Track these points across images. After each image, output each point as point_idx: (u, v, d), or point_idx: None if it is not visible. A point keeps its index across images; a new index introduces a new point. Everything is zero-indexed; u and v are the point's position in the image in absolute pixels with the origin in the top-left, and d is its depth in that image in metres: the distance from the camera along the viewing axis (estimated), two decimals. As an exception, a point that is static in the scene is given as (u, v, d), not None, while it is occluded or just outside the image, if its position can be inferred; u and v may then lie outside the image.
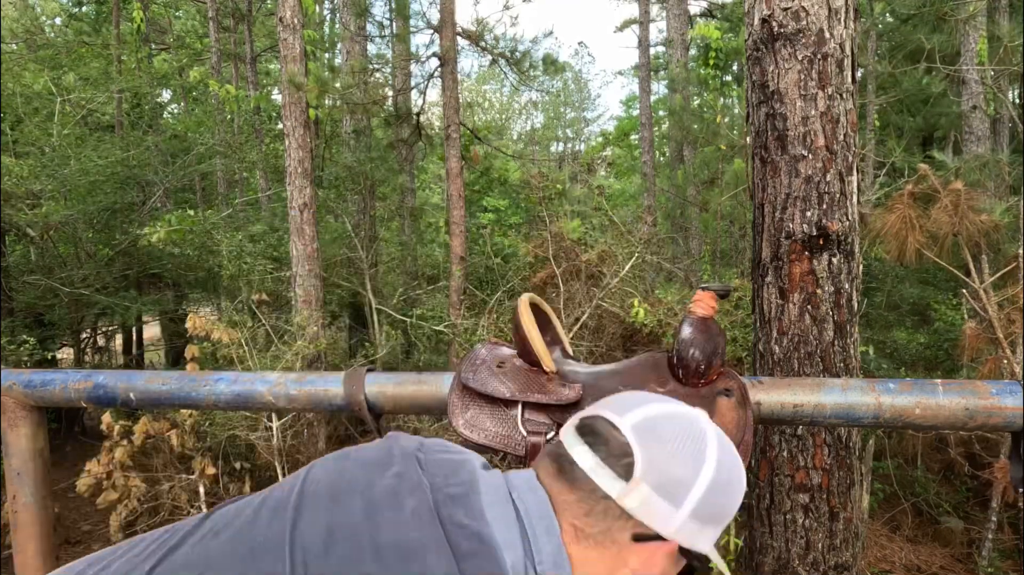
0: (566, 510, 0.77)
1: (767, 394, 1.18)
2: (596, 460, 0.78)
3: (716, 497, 0.77)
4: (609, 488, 0.76)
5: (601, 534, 0.75)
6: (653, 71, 14.24)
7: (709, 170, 7.86)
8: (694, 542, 0.77)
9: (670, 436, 0.78)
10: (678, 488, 0.75)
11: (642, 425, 0.79)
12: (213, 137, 8.14)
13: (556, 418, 1.06)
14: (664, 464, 0.76)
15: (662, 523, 0.75)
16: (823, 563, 2.19)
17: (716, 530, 0.80)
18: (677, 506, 0.75)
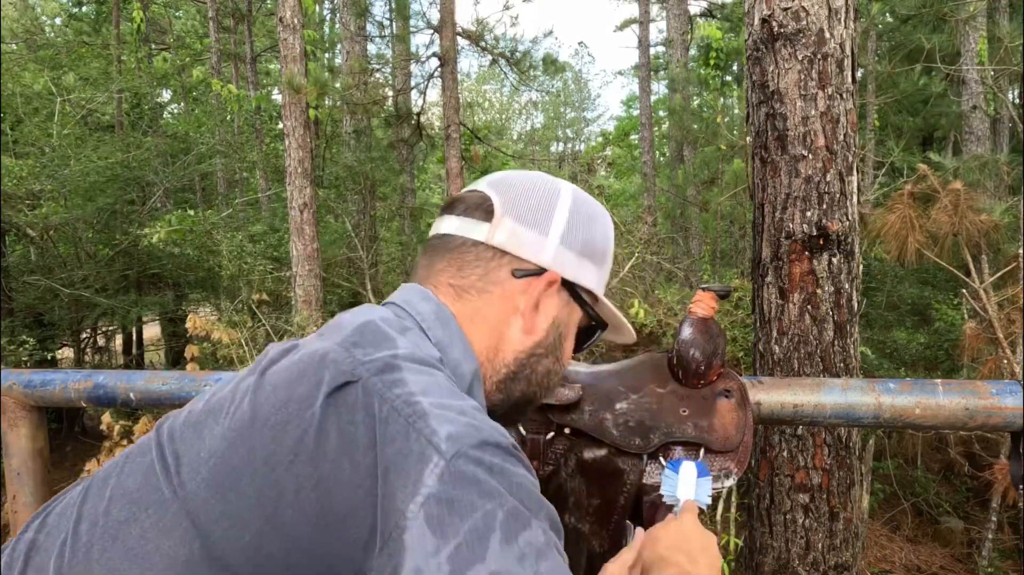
0: (440, 277, 0.78)
1: (767, 394, 1.18)
2: (458, 218, 0.79)
3: (581, 224, 0.79)
4: (475, 234, 0.77)
5: (480, 280, 0.76)
6: (653, 71, 14.23)
7: (709, 170, 7.86)
8: (577, 274, 0.79)
9: (522, 180, 0.80)
10: (540, 216, 0.77)
11: (495, 179, 0.81)
12: (213, 137, 8.14)
13: (556, 418, 1.06)
14: (521, 198, 0.78)
15: (534, 252, 0.76)
16: (823, 563, 2.19)
17: (597, 267, 0.82)
18: (544, 233, 0.77)
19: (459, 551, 0.53)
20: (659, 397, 1.07)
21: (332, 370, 0.63)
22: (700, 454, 1.03)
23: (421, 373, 0.65)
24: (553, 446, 1.07)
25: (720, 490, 1.03)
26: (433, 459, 0.56)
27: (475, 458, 0.57)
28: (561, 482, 1.06)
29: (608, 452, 1.04)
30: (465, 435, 0.59)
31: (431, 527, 0.54)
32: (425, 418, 0.59)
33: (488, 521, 0.55)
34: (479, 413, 0.64)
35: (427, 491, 0.55)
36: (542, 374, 0.81)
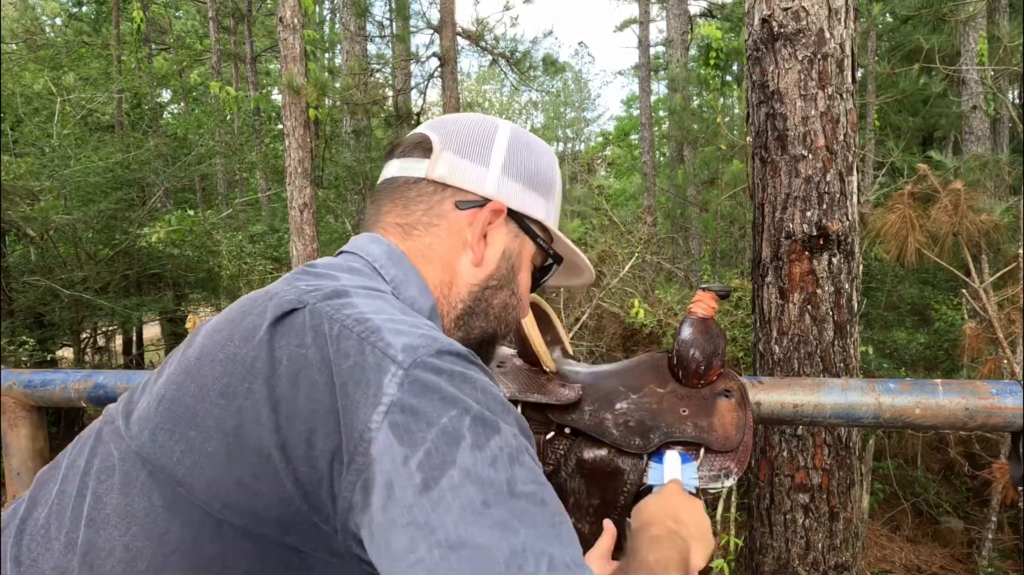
0: (387, 219, 0.78)
1: (767, 394, 1.18)
2: (398, 160, 0.80)
3: (521, 155, 0.80)
4: (416, 171, 0.77)
5: (425, 215, 0.76)
6: (653, 71, 14.23)
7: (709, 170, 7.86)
8: (523, 205, 0.79)
9: (459, 118, 0.81)
10: (478, 147, 0.78)
11: (433, 121, 0.82)
12: (213, 138, 8.14)
13: (556, 418, 1.06)
14: (459, 133, 0.78)
15: (476, 183, 0.76)
16: (823, 563, 2.19)
17: (545, 199, 0.82)
18: (484, 163, 0.77)
19: (429, 457, 0.52)
20: (659, 397, 1.07)
21: (275, 301, 0.62)
22: (700, 454, 1.03)
23: (370, 297, 0.64)
24: (553, 446, 1.07)
25: (720, 490, 1.03)
26: (391, 369, 0.55)
27: (434, 366, 0.56)
28: (561, 482, 1.06)
29: (608, 452, 1.04)
30: (421, 345, 0.57)
31: (397, 436, 0.52)
32: (378, 332, 0.58)
33: (456, 426, 0.54)
34: (434, 330, 0.62)
35: (389, 399, 0.54)
36: (499, 307, 0.80)
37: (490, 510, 0.51)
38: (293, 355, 0.57)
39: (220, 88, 7.17)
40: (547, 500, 0.55)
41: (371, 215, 0.81)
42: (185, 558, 0.57)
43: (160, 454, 0.58)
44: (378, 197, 0.81)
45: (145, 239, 5.94)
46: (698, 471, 1.02)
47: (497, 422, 0.56)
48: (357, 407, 0.54)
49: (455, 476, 0.52)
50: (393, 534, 0.51)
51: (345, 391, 0.55)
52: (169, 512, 0.57)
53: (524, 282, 0.83)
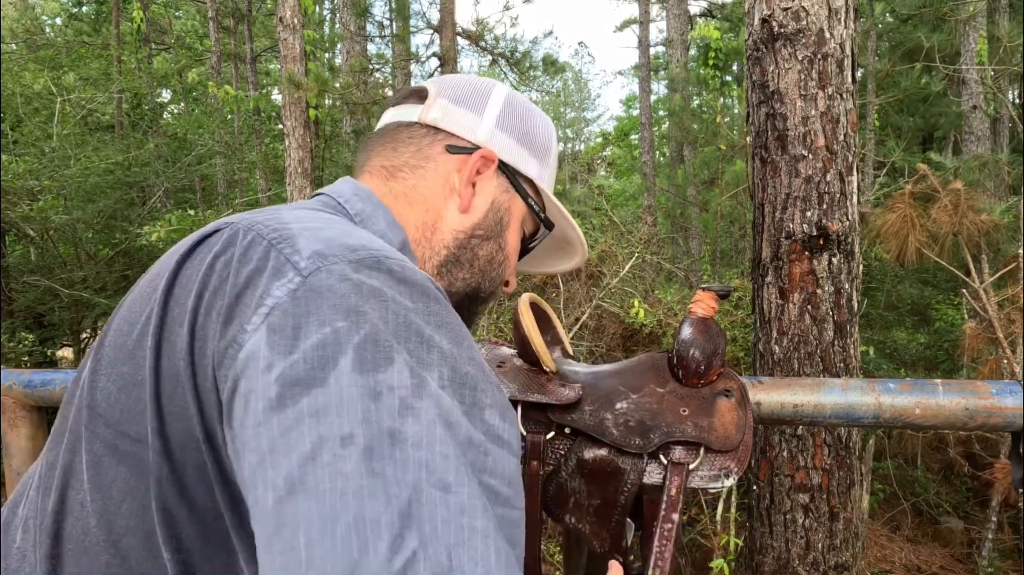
0: (373, 161, 0.76)
1: (767, 394, 1.18)
2: (392, 108, 0.79)
3: (518, 113, 0.78)
4: (410, 115, 0.76)
5: (413, 157, 0.74)
6: (653, 71, 14.24)
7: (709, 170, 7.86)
8: (513, 157, 0.77)
9: (458, 76, 0.80)
10: (474, 97, 0.77)
11: (434, 78, 0.81)
12: (213, 137, 8.14)
13: (556, 418, 1.06)
14: (456, 84, 0.78)
15: (469, 129, 0.75)
16: (823, 563, 2.19)
17: (539, 161, 0.80)
18: (479, 113, 0.76)
19: (293, 368, 0.44)
20: (659, 397, 1.07)
21: (202, 230, 0.58)
22: (700, 452, 1.03)
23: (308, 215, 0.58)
24: (553, 446, 1.07)
25: (720, 490, 1.03)
26: (288, 274, 0.48)
27: (341, 273, 0.48)
28: (561, 482, 1.06)
29: (608, 452, 1.04)
30: (337, 252, 0.50)
31: (269, 340, 0.45)
32: (292, 239, 0.52)
33: (339, 339, 0.45)
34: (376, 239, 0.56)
35: (272, 302, 0.47)
36: (484, 260, 0.77)
37: (348, 452, 0.41)
38: (199, 265, 0.53)
39: (220, 88, 7.17)
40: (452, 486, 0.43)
41: (359, 160, 0.78)
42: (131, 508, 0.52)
43: (100, 399, 0.54)
44: (368, 143, 0.79)
45: (145, 238, 5.93)
46: (698, 471, 1.02)
47: (394, 354, 0.45)
48: (244, 311, 0.48)
49: (319, 398, 0.43)
50: (243, 458, 0.44)
51: (239, 297, 0.49)
52: (113, 458, 0.52)
53: (512, 241, 0.80)
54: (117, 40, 8.81)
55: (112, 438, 0.52)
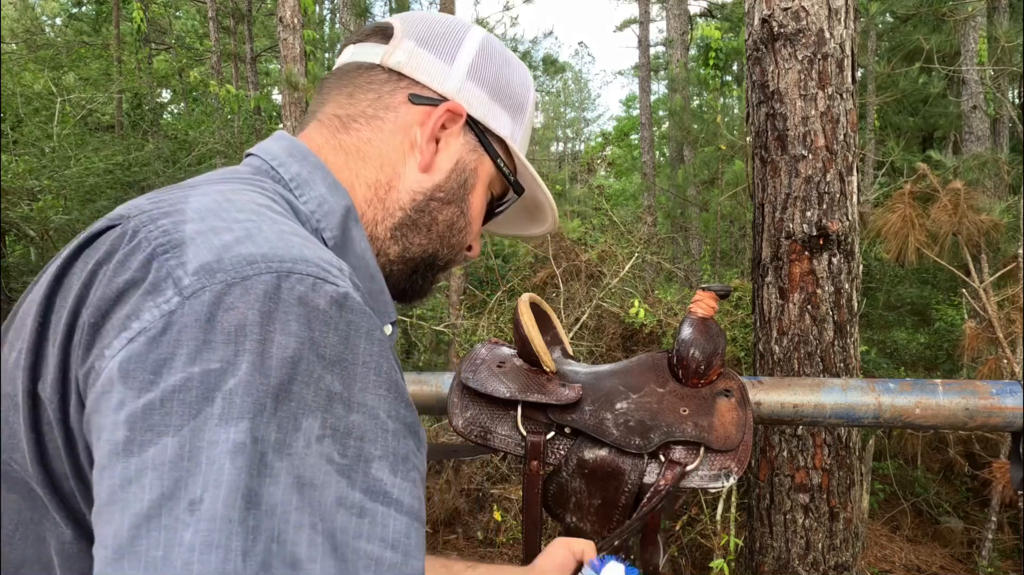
0: (326, 108, 0.67)
1: (767, 394, 1.18)
2: (353, 46, 0.70)
3: (494, 63, 0.70)
4: (372, 56, 0.67)
5: (371, 106, 0.65)
6: (653, 71, 14.24)
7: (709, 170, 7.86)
8: (485, 114, 0.69)
9: (431, 13, 0.71)
10: (446, 41, 0.68)
11: (402, 13, 0.73)
12: (213, 137, 8.14)
13: (556, 418, 1.06)
14: (426, 23, 0.68)
15: (437, 78, 0.66)
16: (823, 563, 2.19)
17: (512, 117, 0.72)
18: (449, 60, 0.67)
19: (146, 412, 0.38)
20: (659, 397, 1.07)
21: (94, 226, 0.49)
22: (700, 452, 1.03)
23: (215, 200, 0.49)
24: (554, 446, 1.07)
25: (720, 490, 1.03)
26: (166, 294, 0.41)
27: (228, 300, 0.40)
28: (562, 482, 1.06)
29: (609, 452, 1.04)
30: (228, 266, 0.42)
31: (125, 372, 0.39)
32: (180, 247, 0.43)
33: (205, 382, 0.38)
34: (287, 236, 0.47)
35: (139, 326, 0.40)
36: (444, 225, 0.69)
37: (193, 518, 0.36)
38: (80, 273, 0.46)
39: (220, 87, 7.17)
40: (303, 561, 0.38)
41: (312, 105, 0.70)
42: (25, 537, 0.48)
43: None
44: (324, 85, 0.69)
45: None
46: (698, 471, 1.02)
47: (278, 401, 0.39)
48: (107, 332, 0.41)
49: (168, 450, 0.37)
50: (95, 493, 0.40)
51: (106, 316, 0.42)
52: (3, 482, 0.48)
53: (476, 205, 0.72)
54: (117, 40, 8.81)
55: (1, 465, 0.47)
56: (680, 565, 3.12)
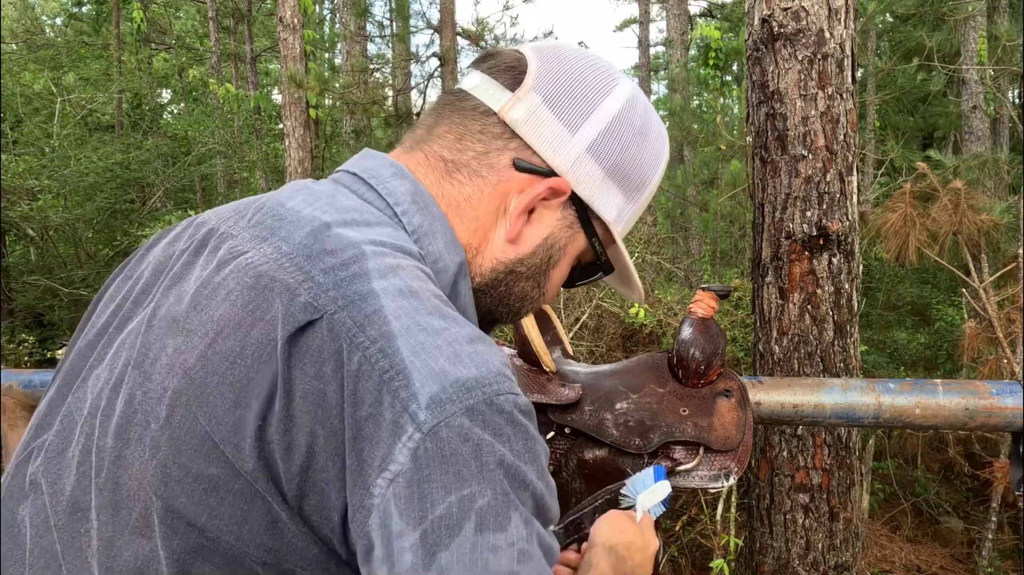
0: (435, 144, 0.64)
1: (767, 394, 1.18)
2: (481, 75, 0.64)
3: (624, 136, 0.64)
4: (492, 100, 0.62)
5: (476, 159, 0.62)
6: (653, 71, 14.24)
7: (709, 170, 7.86)
8: (593, 194, 0.64)
9: (575, 56, 0.64)
10: (576, 104, 0.62)
11: (545, 44, 0.66)
12: (213, 137, 8.14)
13: (556, 418, 1.06)
14: (564, 74, 0.62)
15: (551, 147, 0.61)
16: (823, 563, 2.19)
17: (626, 197, 0.66)
18: (572, 130, 0.62)
19: (424, 539, 0.46)
20: (659, 397, 1.07)
21: (285, 301, 0.51)
22: (700, 452, 1.03)
23: (401, 296, 0.52)
24: (554, 446, 1.07)
25: (720, 490, 1.03)
26: (408, 431, 0.47)
27: (460, 430, 0.48)
28: (563, 483, 1.06)
29: (608, 452, 1.04)
30: (452, 396, 0.48)
31: (398, 510, 0.46)
32: (404, 375, 0.48)
33: (462, 508, 0.47)
34: (475, 345, 0.52)
35: (397, 468, 0.47)
36: (517, 297, 0.67)
37: None
38: (308, 390, 0.49)
39: (219, 86, 7.17)
40: None
41: (423, 127, 0.66)
42: None
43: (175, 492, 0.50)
44: (440, 109, 0.65)
45: (146, 238, 5.94)
46: (698, 471, 1.02)
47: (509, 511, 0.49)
48: (364, 467, 0.48)
49: (443, 561, 0.46)
50: None
51: (355, 445, 0.48)
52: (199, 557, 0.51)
53: (556, 279, 0.69)
54: (117, 40, 8.80)
55: (198, 538, 0.50)
56: (680, 565, 3.11)
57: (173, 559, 0.50)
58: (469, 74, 0.67)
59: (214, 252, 0.57)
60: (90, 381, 0.57)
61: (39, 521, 0.56)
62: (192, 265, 0.58)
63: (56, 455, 0.56)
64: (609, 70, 0.65)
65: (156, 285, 0.60)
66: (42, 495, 0.56)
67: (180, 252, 0.61)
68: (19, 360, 5.52)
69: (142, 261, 0.66)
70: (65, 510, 0.54)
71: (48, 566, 0.54)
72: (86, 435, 0.54)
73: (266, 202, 0.61)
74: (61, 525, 0.54)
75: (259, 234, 0.57)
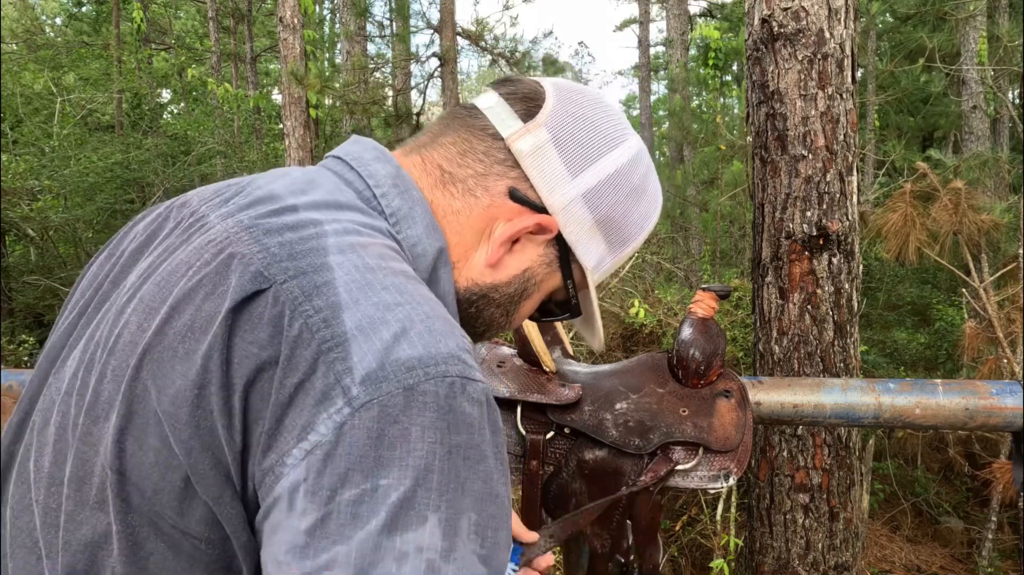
0: (437, 151, 0.65)
1: (767, 394, 1.18)
2: (498, 98, 0.65)
3: (621, 192, 0.65)
4: (503, 125, 0.63)
5: (474, 177, 0.63)
6: (653, 71, 14.25)
7: (709, 170, 7.86)
8: (578, 239, 0.65)
9: (592, 102, 0.66)
10: (582, 151, 0.63)
11: (566, 82, 0.68)
12: (213, 137, 8.14)
13: (556, 418, 1.06)
14: (574, 119, 0.64)
15: (549, 185, 0.63)
16: (823, 563, 2.19)
17: (609, 249, 0.68)
18: (573, 174, 0.63)
19: (324, 524, 0.43)
20: (659, 397, 1.07)
21: (238, 273, 0.50)
22: (700, 453, 1.03)
23: (356, 271, 0.51)
24: (554, 446, 1.07)
25: (720, 490, 1.03)
26: (337, 404, 0.45)
27: (392, 413, 0.45)
28: (563, 483, 1.06)
29: (608, 453, 1.04)
30: (391, 375, 0.46)
31: (307, 485, 0.44)
32: (344, 347, 0.46)
33: (375, 498, 0.44)
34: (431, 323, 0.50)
35: (316, 439, 0.44)
36: (484, 321, 0.68)
37: None
38: (245, 355, 0.48)
39: (218, 85, 7.17)
40: None
41: (428, 134, 0.67)
42: None
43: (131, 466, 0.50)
44: (449, 120, 0.67)
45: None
46: (698, 471, 1.02)
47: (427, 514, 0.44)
48: (283, 433, 0.46)
49: (340, 556, 0.43)
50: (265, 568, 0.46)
51: (281, 411, 0.46)
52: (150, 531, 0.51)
53: (524, 311, 0.70)
54: (117, 40, 8.80)
55: (148, 513, 0.50)
56: (680, 565, 3.11)
57: (125, 534, 0.49)
58: (486, 93, 0.67)
59: (187, 231, 0.58)
60: (69, 360, 0.57)
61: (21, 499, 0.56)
62: (167, 244, 0.58)
63: (38, 433, 0.56)
64: (621, 123, 0.67)
65: (134, 264, 0.60)
66: (26, 473, 0.56)
67: (160, 231, 0.61)
68: (19, 360, 5.52)
69: (123, 240, 0.65)
70: (44, 486, 0.54)
71: (25, 544, 0.54)
72: (62, 414, 0.54)
73: (247, 184, 0.61)
74: (40, 500, 0.54)
75: (228, 212, 0.57)
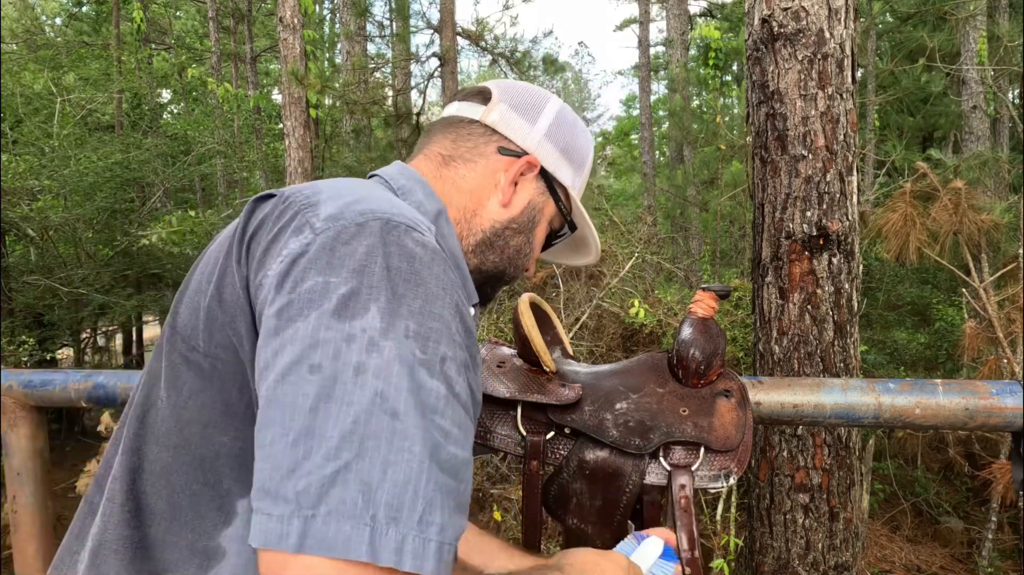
0: (433, 147, 0.86)
1: (767, 394, 1.18)
2: (458, 103, 0.90)
3: (566, 126, 0.90)
4: (473, 112, 0.87)
5: (469, 151, 0.85)
6: (653, 71, 14.24)
7: (709, 170, 7.86)
8: (556, 167, 0.88)
9: (518, 83, 0.92)
10: (531, 108, 0.88)
11: (495, 80, 0.93)
12: (213, 137, 8.14)
13: (556, 418, 1.06)
14: (516, 92, 0.89)
15: (521, 136, 0.86)
16: (823, 563, 2.19)
17: (575, 170, 0.91)
18: (532, 122, 0.87)
19: (287, 307, 0.56)
20: (659, 397, 1.07)
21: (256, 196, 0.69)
22: (700, 452, 1.03)
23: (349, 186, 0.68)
24: (553, 446, 1.07)
25: (720, 490, 1.03)
26: (304, 233, 0.60)
27: (344, 237, 0.59)
28: (563, 483, 1.06)
29: (609, 452, 1.04)
30: (347, 216, 0.61)
31: (277, 283, 0.58)
32: (316, 206, 0.63)
33: (327, 289, 0.56)
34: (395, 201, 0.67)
35: (287, 253, 0.59)
36: (514, 249, 0.88)
37: (314, 377, 0.53)
38: (253, 222, 0.66)
39: (218, 85, 7.16)
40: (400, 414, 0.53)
41: (421, 143, 0.89)
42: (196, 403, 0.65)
43: (179, 321, 0.67)
44: (432, 129, 0.89)
45: (145, 239, 5.93)
46: (698, 471, 1.02)
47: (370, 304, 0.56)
48: (270, 259, 0.60)
49: (299, 330, 0.54)
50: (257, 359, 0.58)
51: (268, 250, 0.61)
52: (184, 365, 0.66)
53: (539, 236, 0.91)
54: (117, 40, 8.80)
55: (185, 350, 0.66)
56: (680, 565, 3.11)
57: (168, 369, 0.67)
58: (447, 107, 0.91)
59: None
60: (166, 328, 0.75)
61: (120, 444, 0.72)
62: None
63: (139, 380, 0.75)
64: (542, 89, 0.92)
65: None
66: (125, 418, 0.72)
67: None
68: (19, 360, 5.52)
69: None
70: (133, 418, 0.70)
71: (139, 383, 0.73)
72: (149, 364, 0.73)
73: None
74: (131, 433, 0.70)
75: None
